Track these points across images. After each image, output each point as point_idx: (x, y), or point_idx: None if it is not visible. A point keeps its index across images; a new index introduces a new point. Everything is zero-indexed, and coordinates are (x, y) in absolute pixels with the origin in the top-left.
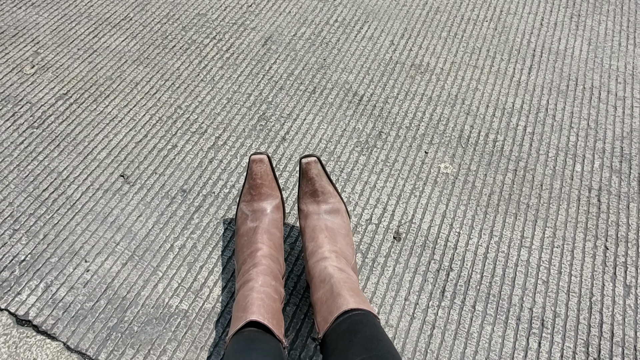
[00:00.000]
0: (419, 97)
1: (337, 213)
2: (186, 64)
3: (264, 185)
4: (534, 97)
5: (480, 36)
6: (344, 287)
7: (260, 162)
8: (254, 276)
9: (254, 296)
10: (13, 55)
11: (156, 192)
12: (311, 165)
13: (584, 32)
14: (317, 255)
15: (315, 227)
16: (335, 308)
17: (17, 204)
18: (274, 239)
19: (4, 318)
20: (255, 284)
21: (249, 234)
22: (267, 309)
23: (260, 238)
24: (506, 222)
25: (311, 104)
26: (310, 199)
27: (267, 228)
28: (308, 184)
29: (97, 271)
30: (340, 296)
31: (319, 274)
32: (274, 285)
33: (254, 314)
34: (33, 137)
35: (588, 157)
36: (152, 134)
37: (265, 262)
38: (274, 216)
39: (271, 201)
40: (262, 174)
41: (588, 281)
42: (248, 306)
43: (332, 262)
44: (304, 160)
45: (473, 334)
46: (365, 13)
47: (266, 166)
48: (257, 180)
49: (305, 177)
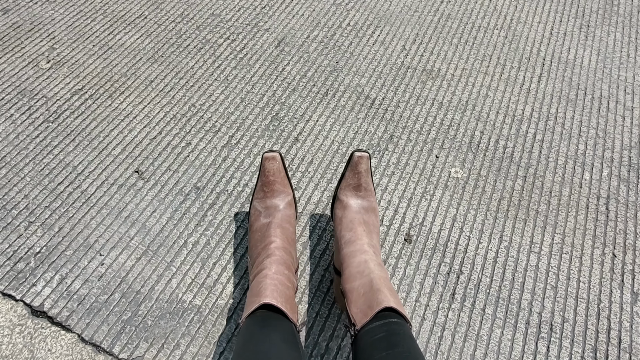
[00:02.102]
0: (430, 102)
1: (374, 212)
2: (200, 63)
3: (277, 182)
4: (543, 105)
5: (490, 44)
6: (384, 285)
7: (273, 159)
8: (267, 265)
9: (268, 282)
10: (29, 49)
11: (170, 189)
12: (363, 160)
13: (593, 43)
14: (355, 246)
15: (353, 219)
16: (375, 303)
17: (32, 196)
18: (287, 233)
19: (20, 309)
20: (269, 272)
21: (262, 229)
22: (281, 293)
23: (273, 232)
24: (516, 228)
25: (324, 106)
26: (352, 192)
27: (280, 223)
28: (354, 177)
29: (111, 265)
30: (380, 292)
31: (357, 265)
32: (287, 274)
33: (267, 297)
34: (48, 131)
35: (597, 166)
36: (166, 131)
37: (279, 253)
38: (286, 212)
39: (283, 197)
40: (274, 171)
41: (596, 288)
42: (262, 291)
43: (372, 257)
44: (357, 153)
45: (483, 337)
46: (377, 18)
47: (278, 164)
48: (270, 177)
49: (353, 170)
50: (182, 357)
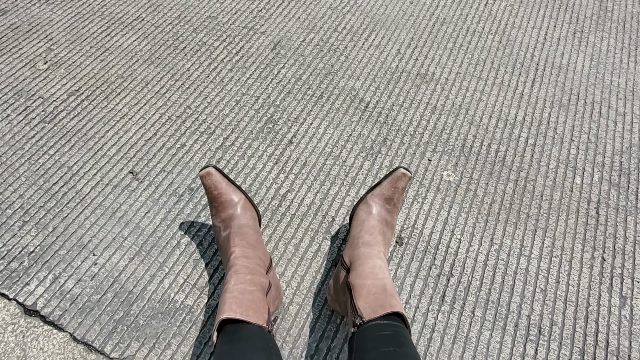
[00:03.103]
0: (424, 106)
1: (391, 229)
2: (196, 65)
3: (221, 194)
4: (536, 109)
5: (485, 48)
6: (396, 294)
7: (208, 174)
8: (228, 279)
9: (227, 296)
10: (27, 50)
11: (164, 190)
12: (405, 178)
13: (587, 48)
14: (373, 249)
15: (375, 226)
16: (388, 305)
17: (27, 196)
18: (246, 238)
19: (12, 307)
20: (229, 286)
21: (224, 243)
22: (240, 303)
23: (232, 242)
24: (506, 231)
25: (318, 109)
26: (382, 202)
27: (237, 231)
28: (390, 190)
29: (104, 265)
30: (394, 297)
31: (372, 267)
32: (249, 279)
33: (224, 313)
34: (44, 131)
35: (588, 170)
36: (161, 133)
37: (239, 262)
38: (243, 217)
39: (235, 204)
40: (214, 184)
41: (585, 291)
42: (221, 307)
43: (386, 266)
44: (402, 170)
45: (472, 339)
46: (373, 22)
47: (215, 176)
48: (213, 192)
49: (393, 183)
50: (173, 357)
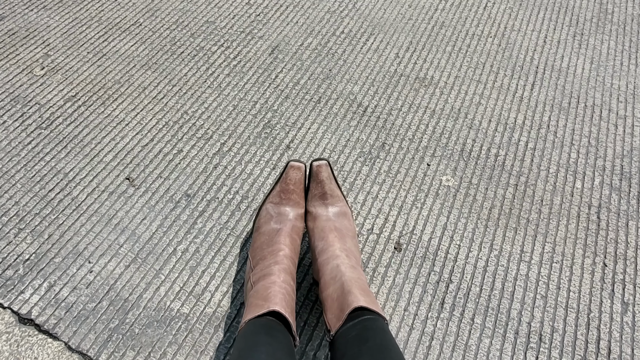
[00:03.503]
0: (423, 110)
1: (345, 216)
2: (194, 70)
3: (295, 192)
4: (536, 113)
5: (484, 52)
6: (355, 285)
7: (298, 169)
8: (276, 272)
9: (277, 289)
10: (24, 56)
11: (161, 196)
12: (322, 169)
13: (587, 51)
14: (328, 253)
15: (324, 227)
16: (346, 305)
17: (23, 203)
18: (294, 244)
19: (7, 316)
20: (278, 279)
21: (271, 234)
22: (288, 304)
23: (283, 240)
24: (506, 236)
25: (316, 114)
26: (319, 201)
27: (290, 232)
28: (318, 187)
29: (100, 272)
30: (351, 293)
31: (330, 271)
32: (292, 285)
33: (277, 305)
34: (41, 137)
35: (588, 174)
36: (158, 138)
37: (287, 262)
38: (297, 224)
39: (297, 209)
40: (296, 181)
41: (586, 297)
42: (270, 297)
43: (343, 260)
44: (315, 163)
45: (471, 347)
46: (371, 25)
47: (302, 175)
48: (290, 186)
49: (315, 179)
50: None
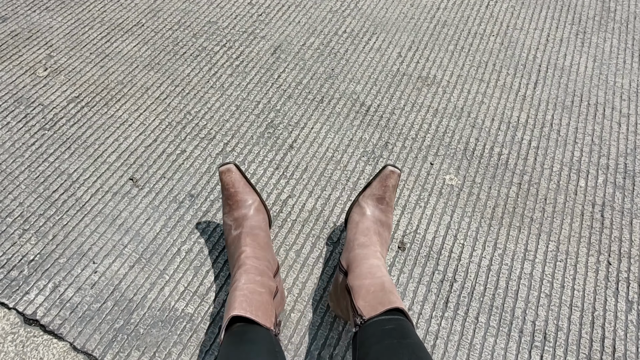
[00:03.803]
0: (425, 109)
1: (388, 229)
2: (196, 70)
3: (238, 192)
4: (539, 111)
5: (486, 50)
6: (395, 291)
7: (228, 171)
8: (238, 277)
9: (237, 294)
10: (27, 57)
11: (164, 196)
12: (394, 176)
13: (589, 49)
14: (369, 250)
15: (370, 227)
16: (387, 301)
17: (27, 204)
18: (257, 239)
19: (12, 317)
20: (239, 284)
21: (234, 242)
22: (250, 302)
23: (243, 242)
24: (510, 235)
25: (319, 113)
26: (375, 202)
27: (249, 231)
28: (380, 189)
29: (104, 273)
30: (393, 294)
31: (370, 266)
32: (259, 280)
33: (235, 310)
34: (44, 138)
35: (592, 173)
36: (161, 139)
37: (249, 262)
38: (255, 218)
39: (249, 205)
40: (232, 182)
41: (591, 296)
42: (231, 304)
43: (384, 265)
44: (390, 167)
45: (476, 346)
46: (373, 25)
47: (234, 174)
48: (230, 190)
49: (382, 182)
50: None
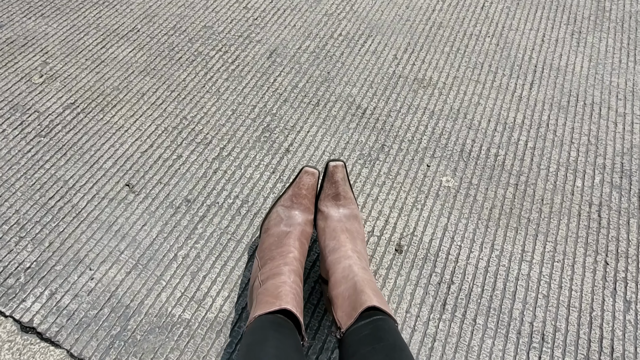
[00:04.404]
0: (422, 111)
1: (356, 219)
2: (192, 75)
3: (307, 197)
4: (535, 112)
5: (482, 51)
6: (367, 286)
7: (312, 175)
8: (286, 272)
9: (287, 289)
10: (22, 64)
11: (161, 202)
12: (338, 169)
13: (585, 49)
14: (340, 253)
15: (335, 227)
16: (358, 304)
17: (23, 211)
18: (303, 248)
19: (9, 325)
20: (288, 280)
21: (280, 236)
22: (298, 304)
23: (293, 242)
24: (507, 236)
25: (315, 117)
26: (332, 201)
27: (299, 236)
28: (332, 187)
29: (101, 279)
30: (364, 293)
31: (342, 270)
32: (301, 287)
33: (289, 304)
34: (40, 145)
35: (589, 173)
36: (157, 144)
37: (296, 264)
38: (306, 228)
39: (307, 215)
40: (309, 186)
41: (588, 296)
42: (282, 295)
43: (355, 261)
44: (331, 163)
45: (474, 348)
46: (369, 27)
47: (315, 181)
48: (303, 191)
49: (330, 179)
50: None
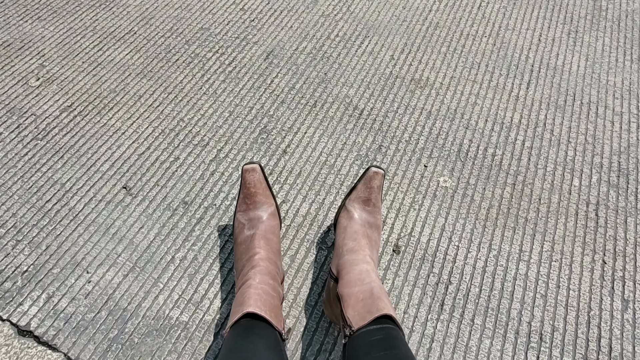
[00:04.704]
0: (419, 111)
1: (377, 230)
2: (189, 77)
3: (258, 193)
4: (532, 111)
5: (479, 51)
6: (385, 296)
7: (253, 171)
8: (251, 276)
9: (251, 291)
10: (19, 67)
11: (158, 204)
12: (378, 176)
13: (582, 48)
14: (359, 255)
15: (358, 230)
16: (375, 309)
17: (20, 215)
18: (271, 244)
19: (6, 329)
20: (253, 282)
21: (246, 241)
22: (264, 302)
23: (257, 244)
24: (505, 236)
25: (312, 118)
26: (361, 205)
27: (263, 234)
28: (366, 191)
29: (98, 282)
30: (381, 300)
31: (359, 272)
32: (272, 284)
33: (251, 306)
34: (37, 148)
35: (586, 172)
36: (154, 146)
37: (263, 264)
38: (270, 223)
39: (266, 208)
40: (255, 182)
41: (586, 295)
42: (245, 300)
43: (373, 268)
44: (373, 168)
45: (472, 348)
46: (365, 28)
47: (259, 175)
48: (251, 189)
49: (367, 184)
50: None
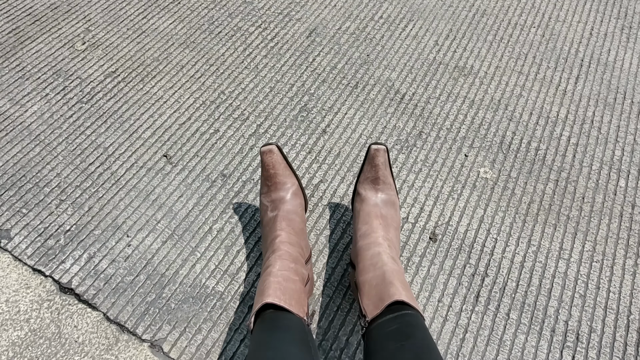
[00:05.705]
0: (462, 100)
1: (392, 206)
2: (231, 50)
3: (278, 174)
4: (579, 107)
5: (527, 42)
6: (396, 278)
7: (270, 152)
8: (272, 262)
9: (271, 280)
10: (65, 31)
11: (197, 175)
12: (380, 153)
13: (635, 45)
14: (370, 239)
15: (370, 212)
16: (387, 295)
17: (64, 175)
18: (292, 224)
19: (49, 284)
20: (273, 269)
21: (269, 223)
22: (284, 290)
23: (279, 225)
24: (545, 232)
25: (353, 99)
26: (370, 185)
27: (285, 215)
28: (372, 170)
29: (138, 247)
30: (392, 285)
31: (371, 257)
32: (293, 267)
33: (269, 297)
34: (82, 111)
35: (633, 173)
36: (195, 117)
37: (284, 247)
38: (292, 202)
39: (288, 188)
40: (273, 163)
41: (626, 299)
42: (264, 290)
43: (385, 249)
44: (373, 146)
45: (506, 342)
46: (410, 11)
47: (276, 155)
48: (270, 171)
49: (370, 163)
50: (203, 342)
